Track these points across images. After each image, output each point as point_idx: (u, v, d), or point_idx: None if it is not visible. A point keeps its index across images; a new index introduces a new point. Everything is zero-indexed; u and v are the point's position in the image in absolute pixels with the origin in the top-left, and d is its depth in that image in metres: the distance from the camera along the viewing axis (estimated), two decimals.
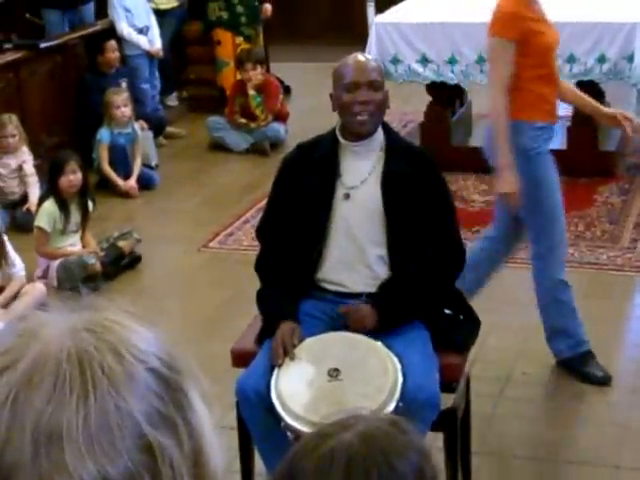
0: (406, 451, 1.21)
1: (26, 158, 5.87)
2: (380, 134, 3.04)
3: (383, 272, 3.01)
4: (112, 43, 6.83)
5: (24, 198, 5.83)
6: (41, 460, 0.70)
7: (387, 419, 1.30)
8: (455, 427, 3.01)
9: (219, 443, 0.80)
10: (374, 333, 2.93)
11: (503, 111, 3.64)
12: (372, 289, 3.02)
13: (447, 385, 2.97)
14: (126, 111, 6.32)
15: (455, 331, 3.05)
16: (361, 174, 3.00)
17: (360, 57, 3.11)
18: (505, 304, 4.53)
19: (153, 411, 0.74)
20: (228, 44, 7.65)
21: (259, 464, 3.06)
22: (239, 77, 7.15)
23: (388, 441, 1.21)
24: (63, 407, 0.71)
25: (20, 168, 5.85)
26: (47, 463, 0.70)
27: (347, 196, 3.00)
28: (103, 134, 6.34)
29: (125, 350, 0.74)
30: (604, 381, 3.84)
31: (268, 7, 7.85)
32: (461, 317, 3.11)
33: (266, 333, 3.00)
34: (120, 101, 6.30)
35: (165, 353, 0.77)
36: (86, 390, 0.72)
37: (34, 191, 5.78)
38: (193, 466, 0.75)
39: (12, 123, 5.78)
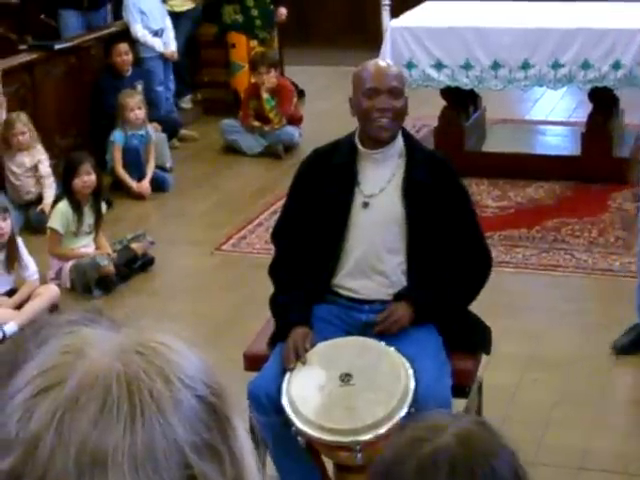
0: (501, 451, 1.24)
1: (41, 158, 5.88)
2: (399, 141, 3.02)
3: (400, 280, 3.01)
4: (121, 46, 6.80)
5: (39, 198, 5.85)
6: None
7: (474, 420, 1.33)
8: None
9: (256, 467, 0.78)
10: (386, 337, 2.93)
11: None
12: (386, 297, 3.01)
13: (460, 390, 2.97)
14: (140, 113, 6.33)
15: (469, 333, 3.05)
16: (380, 182, 2.98)
17: (381, 62, 3.11)
18: (515, 310, 4.52)
19: (199, 440, 0.72)
20: (243, 47, 7.66)
21: (271, 467, 3.06)
22: (253, 80, 7.16)
23: (484, 442, 1.24)
24: (110, 431, 0.69)
25: (36, 168, 5.87)
26: None
27: (366, 205, 2.98)
28: (117, 136, 6.36)
29: (174, 376, 0.73)
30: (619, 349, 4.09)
31: (283, 11, 7.86)
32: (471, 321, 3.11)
33: (278, 337, 3.00)
34: (134, 104, 6.31)
35: (212, 380, 0.76)
36: (134, 416, 0.70)
37: (49, 192, 5.79)
38: None
39: (21, 121, 5.79)
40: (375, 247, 2.99)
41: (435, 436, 1.23)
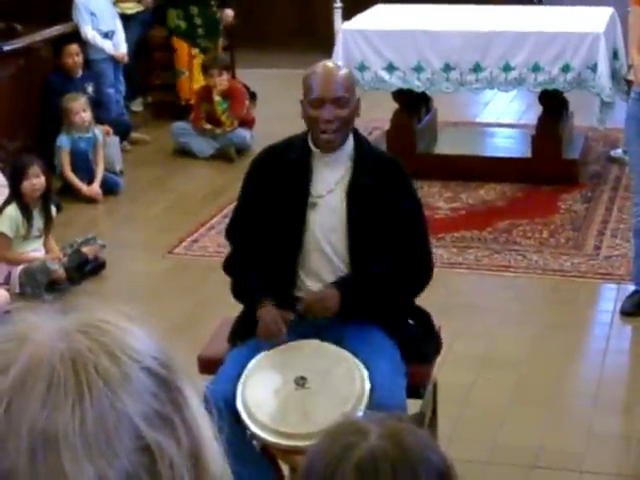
0: (429, 442, 1.26)
1: None
2: (350, 144, 3.00)
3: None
4: (72, 47, 6.72)
5: None
6: (38, 465, 0.69)
7: (394, 417, 1.33)
8: None
9: (217, 443, 0.79)
10: (340, 340, 2.92)
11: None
12: None
13: (414, 390, 2.97)
14: (86, 116, 6.25)
15: (419, 343, 3.04)
16: (328, 184, 2.97)
17: (329, 68, 3.03)
18: (468, 310, 4.55)
19: (150, 411, 0.73)
20: (184, 54, 7.61)
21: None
22: (205, 83, 7.12)
23: (413, 437, 1.25)
24: (58, 411, 0.70)
25: None
26: (44, 468, 0.69)
27: (313, 205, 2.97)
28: (63, 140, 6.27)
29: (119, 350, 0.73)
30: (623, 311, 4.46)
31: (229, 12, 7.80)
32: (421, 331, 3.10)
33: (237, 334, 2.98)
34: (78, 106, 6.23)
35: (159, 352, 0.76)
36: (81, 392, 0.71)
37: (2, 199, 5.68)
38: (193, 466, 0.75)
39: None
40: (324, 249, 2.97)
41: (363, 439, 1.22)
